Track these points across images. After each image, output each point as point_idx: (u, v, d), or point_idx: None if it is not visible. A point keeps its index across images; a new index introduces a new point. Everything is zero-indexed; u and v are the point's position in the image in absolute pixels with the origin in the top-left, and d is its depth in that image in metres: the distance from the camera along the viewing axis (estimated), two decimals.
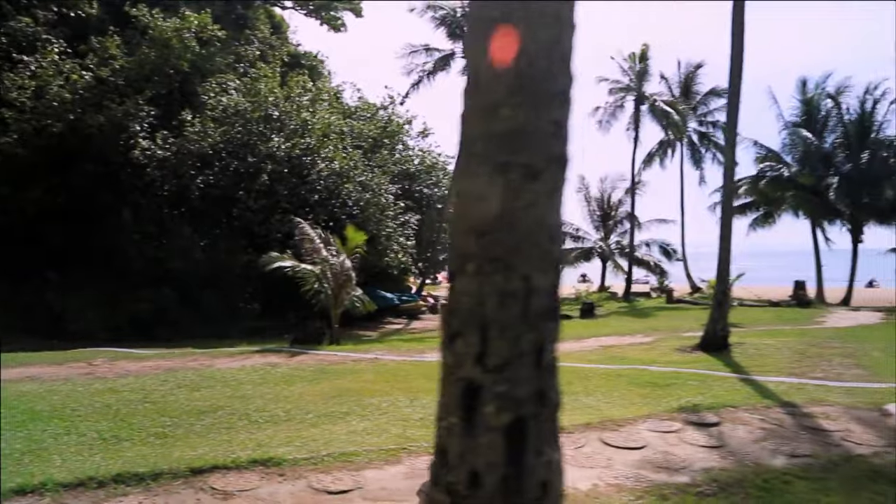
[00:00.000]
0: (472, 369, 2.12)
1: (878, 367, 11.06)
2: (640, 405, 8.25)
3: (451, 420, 2.17)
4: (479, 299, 2.13)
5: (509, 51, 2.16)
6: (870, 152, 32.67)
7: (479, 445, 2.10)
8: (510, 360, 2.10)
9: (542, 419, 2.15)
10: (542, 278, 2.17)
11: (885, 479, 5.45)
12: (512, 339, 2.11)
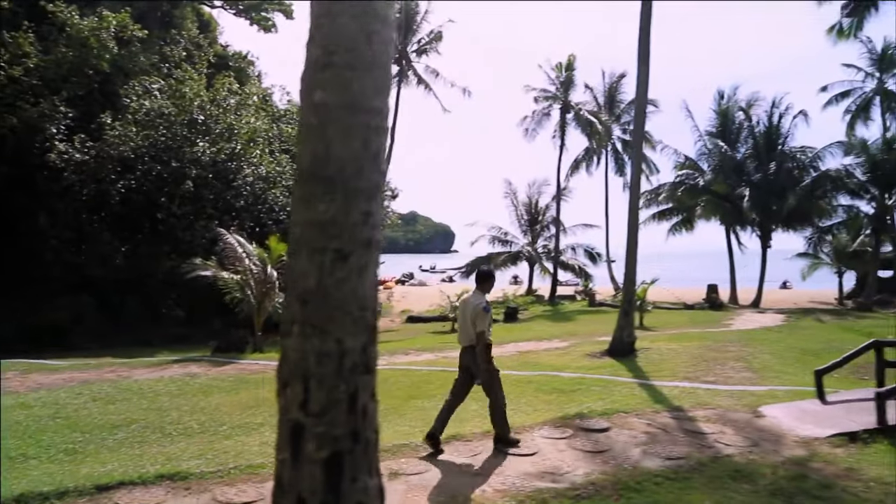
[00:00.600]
0: (298, 413, 2.55)
1: (766, 370, 12.01)
2: (542, 411, 8.76)
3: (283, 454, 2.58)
4: (302, 356, 2.56)
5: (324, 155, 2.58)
6: (776, 163, 34.66)
7: (304, 475, 2.55)
8: (328, 406, 2.54)
9: (357, 453, 2.57)
10: (353, 340, 2.63)
11: (744, 477, 6.08)
12: (328, 390, 2.55)
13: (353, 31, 2.73)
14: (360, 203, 2.65)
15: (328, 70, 2.72)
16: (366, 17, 2.76)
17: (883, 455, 6.73)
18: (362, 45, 2.73)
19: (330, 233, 2.60)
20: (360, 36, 2.73)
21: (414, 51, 33.53)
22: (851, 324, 22.79)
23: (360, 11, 2.76)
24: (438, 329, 24.25)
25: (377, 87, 2.80)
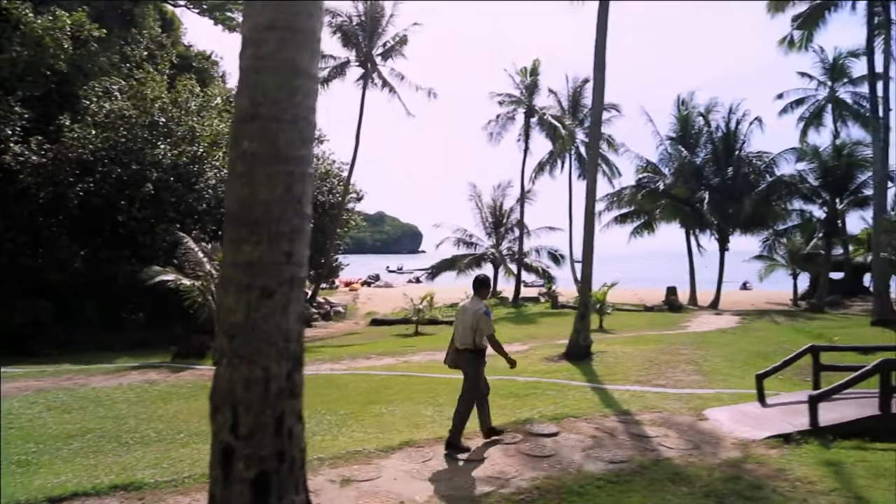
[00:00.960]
0: (228, 436, 2.76)
1: (714, 373, 12.43)
2: (497, 416, 8.96)
3: (215, 473, 2.77)
4: (232, 384, 2.78)
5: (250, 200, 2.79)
6: (734, 168, 35.58)
7: (234, 494, 2.76)
8: (255, 429, 2.76)
9: (284, 473, 2.78)
10: (278, 369, 2.86)
11: (682, 480, 6.38)
12: (256, 415, 2.76)
13: (278, 86, 2.94)
14: (283, 244, 2.89)
15: (255, 122, 2.94)
16: (289, 73, 2.99)
17: (812, 455, 7.10)
18: (287, 99, 2.95)
19: (255, 272, 2.84)
20: (284, 91, 2.94)
21: (379, 54, 33.57)
22: (803, 325, 23.55)
23: (284, 67, 2.98)
24: (402, 332, 24.38)
25: (301, 138, 3.03)
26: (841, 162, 33.68)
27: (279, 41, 3.01)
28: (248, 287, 2.88)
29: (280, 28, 3.03)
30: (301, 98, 3.06)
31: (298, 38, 3.06)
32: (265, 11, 3.07)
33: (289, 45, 3.03)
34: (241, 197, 2.94)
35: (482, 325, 7.29)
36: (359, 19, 33.20)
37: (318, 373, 13.53)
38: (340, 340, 22.83)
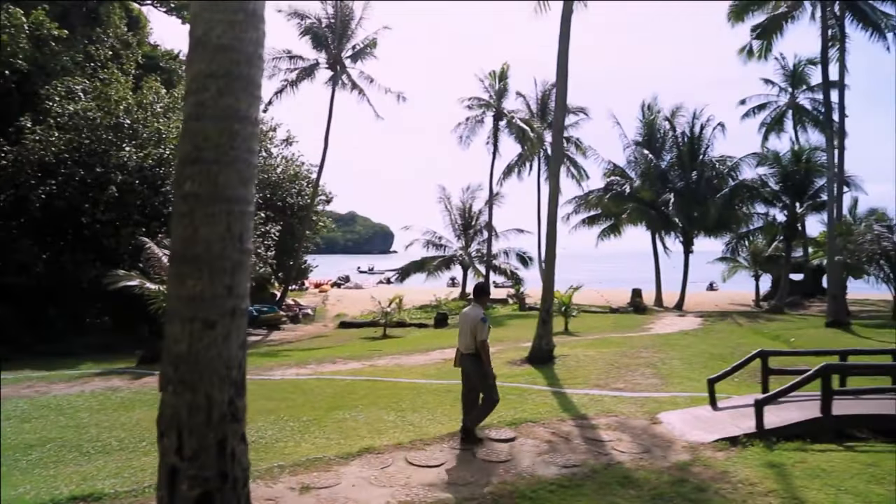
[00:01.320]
0: (174, 458, 2.93)
1: (672, 376, 12.77)
2: (458, 421, 9.17)
3: (161, 493, 2.94)
4: (176, 410, 2.95)
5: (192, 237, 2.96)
6: (698, 172, 36.33)
7: None
8: (199, 452, 2.93)
9: (226, 492, 2.96)
10: (221, 395, 3.05)
11: (631, 483, 6.63)
12: (199, 438, 2.94)
13: (219, 131, 3.12)
14: (224, 279, 3.08)
15: (197, 165, 3.12)
16: (229, 118, 3.17)
17: (756, 457, 7.41)
18: (227, 143, 3.13)
19: (198, 305, 3.03)
20: (224, 135, 3.12)
21: (349, 56, 33.60)
22: (762, 326, 24.19)
23: (223, 114, 3.18)
24: (370, 334, 24.48)
25: (241, 178, 3.21)
26: (800, 167, 34.60)
27: (219, 89, 3.20)
28: (192, 319, 3.06)
29: (220, 76, 3.21)
30: (240, 142, 3.25)
31: (238, 85, 3.24)
32: (206, 60, 3.24)
33: (229, 92, 3.21)
34: (184, 235, 3.13)
35: (478, 331, 7.95)
36: (328, 21, 33.20)
37: (285, 378, 13.59)
38: (309, 343, 22.83)
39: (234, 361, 3.23)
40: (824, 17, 23.93)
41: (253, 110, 3.40)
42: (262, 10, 3.44)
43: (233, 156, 3.23)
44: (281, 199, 32.88)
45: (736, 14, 25.58)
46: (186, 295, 3.12)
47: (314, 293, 48.22)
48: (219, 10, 3.23)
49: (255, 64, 3.39)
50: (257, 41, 3.39)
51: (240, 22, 3.27)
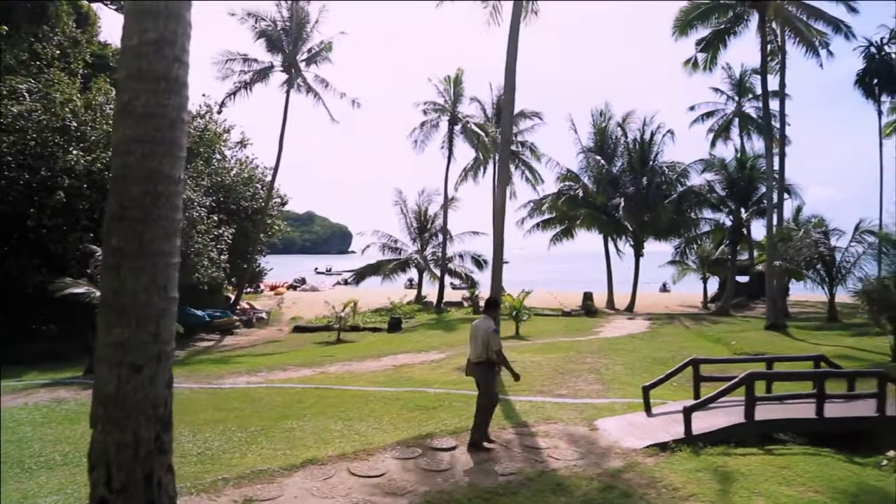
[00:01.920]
0: (103, 490, 3.17)
1: (613, 382, 13.24)
2: (402, 430, 9.45)
3: None
4: (105, 447, 3.19)
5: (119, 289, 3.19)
6: (648, 178, 37.32)
7: None
8: (127, 484, 3.15)
9: None
10: (147, 432, 3.31)
11: (563, 490, 6.97)
12: (127, 472, 3.17)
13: (143, 191, 3.36)
14: (150, 326, 3.33)
15: (123, 222, 3.36)
16: (154, 179, 3.42)
17: (683, 462, 7.84)
18: (150, 203, 3.37)
19: (125, 351, 3.27)
20: (148, 196, 3.36)
21: (304, 60, 33.53)
22: (706, 329, 25.06)
23: (148, 176, 3.43)
24: (324, 339, 24.52)
25: (165, 234, 3.46)
26: (744, 174, 35.81)
27: (144, 153, 3.44)
28: (119, 363, 3.30)
29: (145, 141, 3.44)
30: (164, 201, 3.49)
31: (161, 150, 3.48)
32: (131, 126, 3.47)
33: (153, 156, 3.45)
34: (112, 287, 3.36)
35: (491, 342, 8.34)
36: (283, 24, 33.07)
37: (235, 386, 13.64)
38: (262, 349, 22.79)
39: (161, 400, 3.46)
40: (763, 34, 24.95)
41: (176, 170, 3.63)
42: (185, 76, 3.66)
43: (157, 214, 3.47)
44: (235, 202, 32.64)
45: (680, 29, 26.45)
46: (114, 342, 3.35)
47: (270, 296, 47.83)
48: (143, 81, 3.46)
49: (178, 127, 3.63)
50: (180, 106, 3.64)
51: (163, 90, 3.50)
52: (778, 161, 30.42)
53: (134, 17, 3.52)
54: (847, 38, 26.40)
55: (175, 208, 3.66)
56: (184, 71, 3.68)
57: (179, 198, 3.72)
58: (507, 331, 22.14)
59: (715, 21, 26.51)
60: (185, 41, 3.69)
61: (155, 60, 3.47)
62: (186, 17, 3.69)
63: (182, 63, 3.64)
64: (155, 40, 3.44)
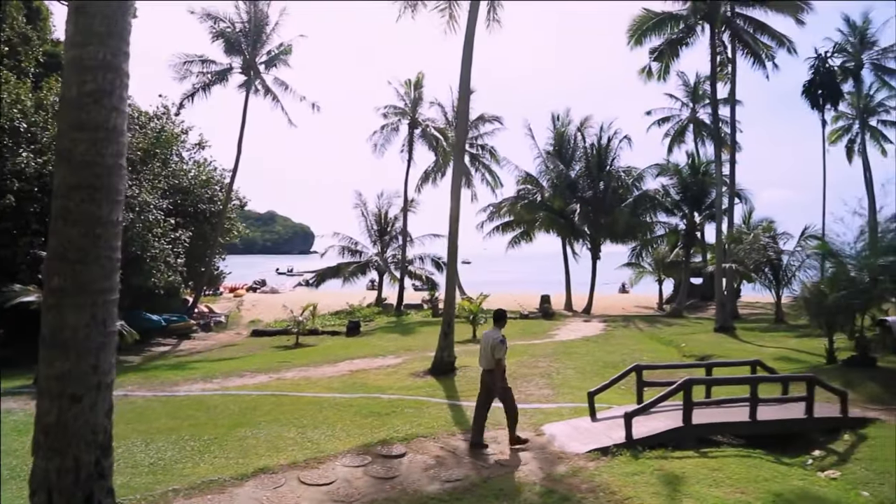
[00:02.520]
0: None
1: (563, 386, 13.62)
2: (355, 437, 9.64)
3: None
4: (47, 473, 3.36)
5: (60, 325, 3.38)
6: (605, 182, 38.07)
7: None
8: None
9: None
10: (87, 457, 3.49)
11: (506, 496, 7.26)
12: (67, 497, 3.35)
13: (82, 234, 3.55)
14: (89, 359, 3.53)
15: (63, 262, 3.55)
16: (92, 223, 3.62)
17: (622, 466, 8.21)
18: (89, 245, 3.57)
19: (65, 383, 3.46)
20: (87, 238, 3.55)
21: (263, 62, 33.35)
22: (659, 331, 25.70)
23: (87, 220, 3.62)
24: (283, 343, 24.48)
25: (104, 273, 3.66)
26: (698, 178, 36.81)
27: (83, 198, 3.63)
28: (60, 394, 3.49)
29: (84, 187, 3.64)
30: (103, 242, 3.69)
31: (100, 195, 3.67)
32: (70, 174, 3.65)
33: (91, 201, 3.65)
34: (53, 324, 3.55)
35: (496, 351, 9.09)
36: (242, 26, 32.84)
37: (190, 394, 13.64)
38: (219, 353, 22.66)
39: (101, 427, 3.65)
40: (713, 45, 25.83)
41: (114, 214, 3.83)
42: (122, 125, 3.85)
43: (96, 254, 3.67)
44: (193, 204, 32.28)
45: (635, 39, 27.17)
46: (54, 374, 3.54)
47: (229, 298, 47.34)
48: (82, 130, 3.64)
49: (116, 173, 3.82)
50: (118, 153, 3.83)
51: (101, 139, 3.69)
52: (729, 166, 31.40)
53: (73, 69, 3.70)
54: (790, 53, 27.51)
55: (113, 248, 3.85)
56: (121, 120, 3.87)
57: (118, 238, 3.91)
58: (465, 334, 22.45)
59: (668, 32, 27.29)
60: (123, 91, 3.88)
61: (93, 111, 3.66)
62: (124, 68, 3.87)
63: (120, 112, 3.83)
64: (93, 91, 3.62)
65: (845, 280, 15.53)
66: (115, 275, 3.88)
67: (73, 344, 3.60)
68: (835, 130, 44.09)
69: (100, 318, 3.70)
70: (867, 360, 14.34)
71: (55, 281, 3.67)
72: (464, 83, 15.84)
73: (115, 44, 3.82)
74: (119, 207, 3.89)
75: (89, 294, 3.67)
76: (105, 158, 3.76)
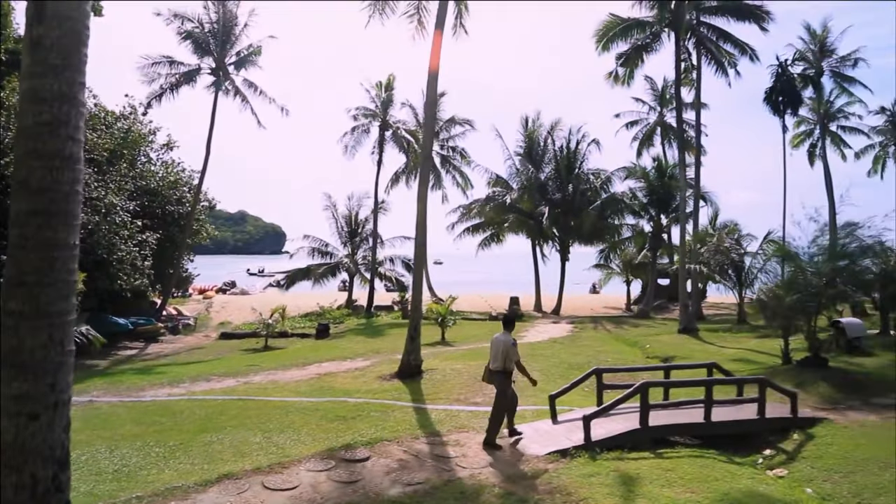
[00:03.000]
0: None
1: (528, 389, 13.43)
2: (321, 441, 9.76)
3: None
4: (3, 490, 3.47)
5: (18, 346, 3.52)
6: (573, 185, 38.58)
7: None
8: None
9: None
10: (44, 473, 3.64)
11: (466, 498, 7.47)
12: None
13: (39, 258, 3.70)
14: (47, 378, 3.69)
15: (21, 287, 3.69)
16: (49, 248, 3.78)
17: (580, 468, 8.47)
18: (46, 269, 3.71)
19: (23, 402, 3.60)
20: (44, 263, 3.69)
21: (232, 63, 33.17)
22: (625, 333, 26.18)
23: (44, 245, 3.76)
24: (252, 346, 24.45)
25: (61, 295, 3.81)
26: (664, 181, 37.51)
27: (39, 224, 3.77)
28: (18, 413, 3.64)
29: (40, 213, 3.77)
30: (60, 265, 3.82)
31: (56, 220, 3.81)
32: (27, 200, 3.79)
33: (48, 227, 3.80)
34: (11, 345, 3.70)
35: (510, 354, 9.72)
36: (211, 26, 32.61)
37: (156, 399, 13.61)
38: (187, 357, 22.55)
39: (58, 443, 3.79)
40: (677, 52, 26.42)
41: (71, 237, 3.96)
42: (78, 153, 3.99)
43: (53, 278, 3.81)
44: (160, 206, 32.01)
45: (603, 45, 27.64)
46: (12, 394, 3.69)
47: (198, 300, 46.93)
48: (39, 158, 3.77)
49: (72, 199, 3.97)
50: (74, 180, 3.97)
51: (57, 167, 3.83)
52: (694, 169, 32.11)
53: (29, 100, 3.82)
54: (752, 60, 28.23)
55: (70, 271, 3.98)
56: (77, 148, 4.00)
57: (75, 260, 4.03)
58: (433, 336, 22.64)
59: (634, 38, 27.80)
60: (79, 120, 4.01)
61: (49, 140, 3.80)
62: (80, 99, 4.00)
63: (76, 141, 3.96)
64: (49, 122, 3.76)
65: (801, 283, 16.02)
66: (73, 296, 4.01)
67: (30, 364, 3.74)
68: (797, 135, 45.22)
69: (57, 339, 3.83)
70: (820, 360, 14.83)
71: (12, 304, 3.80)
72: (430, 102, 16.07)
73: (71, 76, 3.95)
74: (76, 231, 4.03)
75: (47, 316, 3.80)
76: (62, 185, 3.90)
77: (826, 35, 39.46)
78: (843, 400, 12.42)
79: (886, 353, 17.41)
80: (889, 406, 11.78)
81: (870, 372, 14.70)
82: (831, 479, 8.48)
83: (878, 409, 11.60)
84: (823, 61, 39.60)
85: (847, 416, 11.20)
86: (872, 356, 16.89)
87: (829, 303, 16.75)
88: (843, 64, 39.52)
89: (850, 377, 14.05)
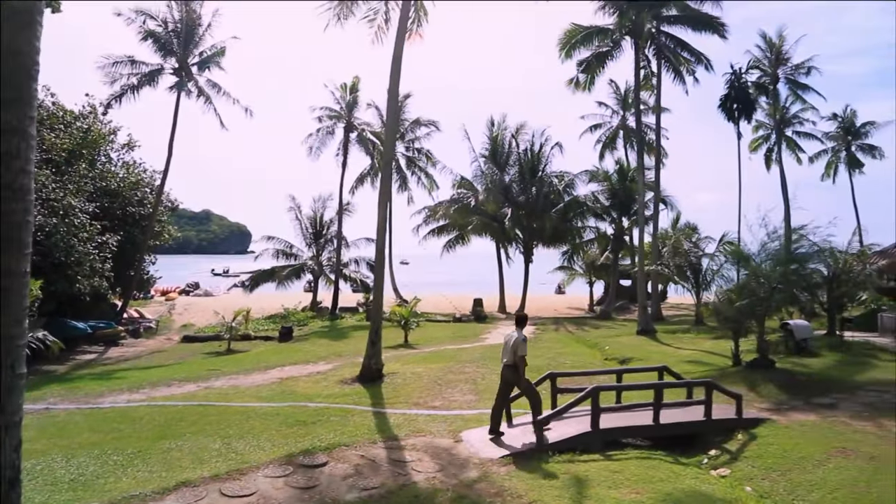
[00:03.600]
0: None
1: (486, 392, 14.07)
2: (280, 446, 9.88)
3: None
4: None
5: None
6: (537, 188, 39.08)
7: None
8: None
9: None
10: None
11: (420, 502, 7.70)
12: None
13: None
14: None
15: None
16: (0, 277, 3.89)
17: (532, 471, 8.75)
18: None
19: None
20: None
21: (195, 63, 32.86)
22: (586, 334, 26.73)
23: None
24: (214, 349, 24.33)
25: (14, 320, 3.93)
26: (626, 185, 38.22)
27: None
28: None
29: None
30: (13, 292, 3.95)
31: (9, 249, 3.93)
32: None
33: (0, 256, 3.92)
34: None
35: (518, 349, 10.17)
36: (174, 26, 32.26)
37: (115, 405, 13.53)
38: (148, 361, 22.36)
39: (9, 463, 3.90)
40: (637, 59, 27.05)
41: (23, 265, 4.08)
42: (29, 184, 4.12)
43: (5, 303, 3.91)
44: (121, 207, 31.57)
45: (566, 52, 28.16)
46: None
47: (161, 302, 46.34)
48: None
49: (25, 228, 4.09)
50: (26, 210, 4.10)
51: (8, 199, 3.97)
52: (654, 172, 32.83)
53: None
54: (707, 70, 29.02)
55: (23, 297, 4.09)
56: (28, 179, 4.12)
57: (27, 287, 4.15)
58: (396, 339, 22.82)
59: (595, 45, 28.34)
60: (30, 153, 4.13)
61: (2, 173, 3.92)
62: (30, 132, 4.13)
63: (27, 173, 4.10)
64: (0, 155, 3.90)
65: (751, 288, 16.60)
66: (24, 321, 4.11)
67: None
68: (756, 139, 46.45)
69: (8, 363, 3.94)
70: (767, 362, 15.40)
71: None
72: (391, 111, 16.22)
73: (22, 110, 4.07)
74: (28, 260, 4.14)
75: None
76: (14, 216, 4.02)
77: (782, 44, 40.64)
78: (788, 401, 12.93)
79: (832, 354, 18.16)
80: (828, 406, 12.33)
81: (814, 372, 15.33)
82: (769, 478, 8.90)
83: (818, 409, 12.12)
84: (779, 69, 40.79)
85: (789, 417, 11.69)
86: (818, 357, 17.60)
87: (779, 306, 17.37)
88: (797, 72, 40.75)
89: (795, 378, 14.64)
